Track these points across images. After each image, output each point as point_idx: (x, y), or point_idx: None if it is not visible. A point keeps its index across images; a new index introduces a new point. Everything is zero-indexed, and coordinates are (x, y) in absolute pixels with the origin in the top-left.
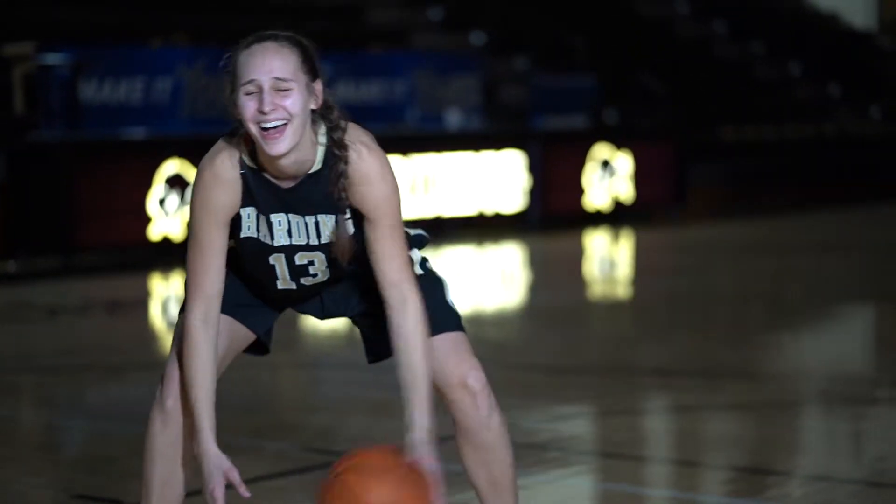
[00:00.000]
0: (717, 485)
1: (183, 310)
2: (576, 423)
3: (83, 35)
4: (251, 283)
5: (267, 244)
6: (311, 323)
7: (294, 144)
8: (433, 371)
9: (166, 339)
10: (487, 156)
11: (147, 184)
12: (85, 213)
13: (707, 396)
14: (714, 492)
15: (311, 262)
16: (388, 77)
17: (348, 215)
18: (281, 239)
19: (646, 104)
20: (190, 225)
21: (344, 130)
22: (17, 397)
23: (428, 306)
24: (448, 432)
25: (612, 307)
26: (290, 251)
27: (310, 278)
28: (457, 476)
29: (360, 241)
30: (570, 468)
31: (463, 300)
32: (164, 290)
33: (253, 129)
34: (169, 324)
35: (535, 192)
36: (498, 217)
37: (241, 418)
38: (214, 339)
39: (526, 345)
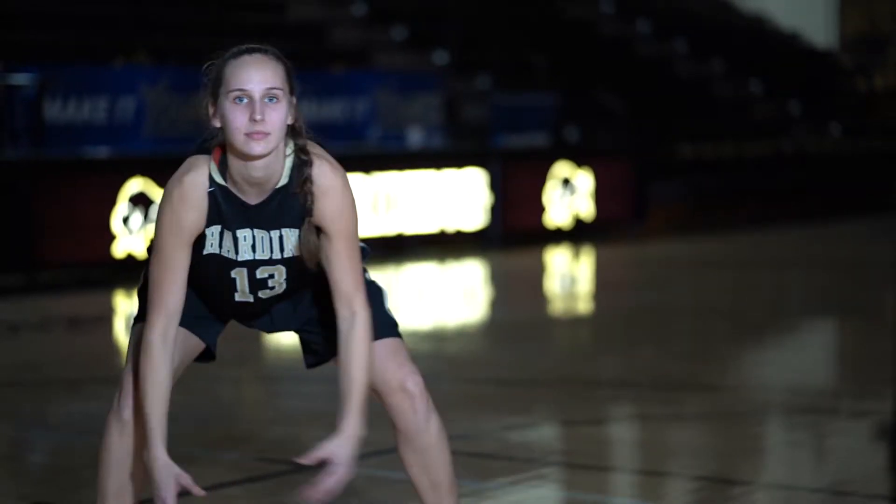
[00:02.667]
0: (681, 493)
1: (137, 320)
2: (534, 434)
3: (47, 55)
4: (207, 296)
5: (230, 259)
6: (270, 338)
7: (272, 150)
8: (373, 376)
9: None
10: (449, 174)
11: (111, 202)
12: (48, 230)
13: (668, 407)
14: (679, 500)
15: (272, 276)
16: (350, 96)
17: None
18: (245, 254)
19: (606, 122)
20: (155, 242)
21: (307, 142)
22: None
23: (375, 310)
24: (389, 444)
25: (572, 322)
26: (252, 265)
27: (267, 291)
28: (402, 483)
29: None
30: (527, 477)
31: (425, 316)
32: (127, 307)
33: (238, 135)
34: None
35: (496, 210)
36: (459, 234)
37: (198, 430)
38: (171, 354)
39: (485, 359)
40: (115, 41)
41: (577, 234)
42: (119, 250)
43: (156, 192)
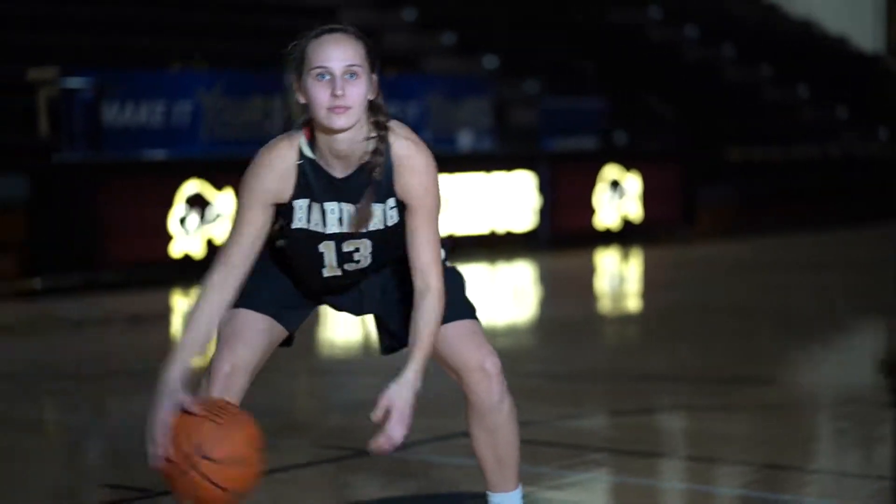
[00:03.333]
0: (730, 478)
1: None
2: (584, 423)
3: (105, 59)
4: (298, 274)
5: (319, 232)
6: (327, 332)
7: (353, 124)
8: (452, 354)
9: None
10: (498, 176)
11: (168, 203)
12: (107, 231)
13: (715, 399)
14: (729, 485)
15: (357, 249)
16: (401, 100)
17: (393, 203)
18: (333, 226)
19: (653, 126)
20: (237, 201)
21: (388, 119)
22: (44, 400)
23: (449, 295)
24: (446, 431)
25: (619, 319)
26: (339, 238)
27: (353, 264)
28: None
29: (401, 233)
30: (579, 462)
31: (486, 317)
32: (185, 306)
33: (320, 110)
34: None
35: (544, 212)
36: (509, 236)
37: (258, 418)
38: (225, 300)
39: (535, 354)
40: (172, 46)
41: (626, 236)
42: (176, 251)
43: (212, 194)
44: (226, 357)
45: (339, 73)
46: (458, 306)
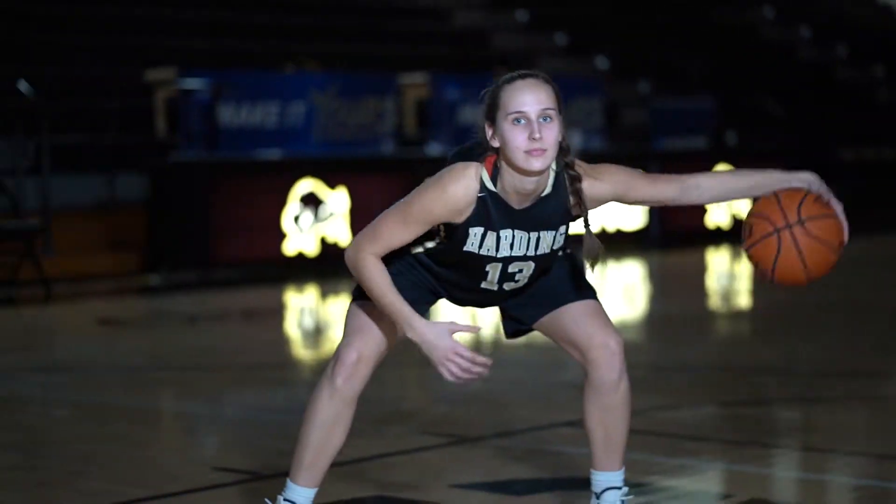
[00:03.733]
0: (847, 469)
1: (355, 298)
2: (686, 413)
3: (222, 61)
4: (451, 279)
5: (489, 256)
6: None
7: (548, 166)
8: (577, 331)
9: (298, 344)
10: None
11: (282, 202)
12: (223, 229)
13: (828, 391)
14: (846, 475)
15: (520, 270)
16: None
17: (564, 230)
18: (504, 251)
19: (764, 126)
20: (407, 203)
21: (574, 161)
22: (161, 390)
23: (577, 277)
24: (543, 422)
25: (729, 315)
26: (507, 261)
27: (512, 283)
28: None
29: (556, 255)
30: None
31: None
32: (298, 302)
33: (518, 153)
34: (304, 332)
35: (654, 211)
36: (620, 234)
37: (365, 407)
38: (383, 267)
39: (643, 347)
40: (286, 48)
41: (736, 235)
42: (290, 248)
43: (325, 193)
44: (355, 346)
45: (535, 116)
46: (584, 287)
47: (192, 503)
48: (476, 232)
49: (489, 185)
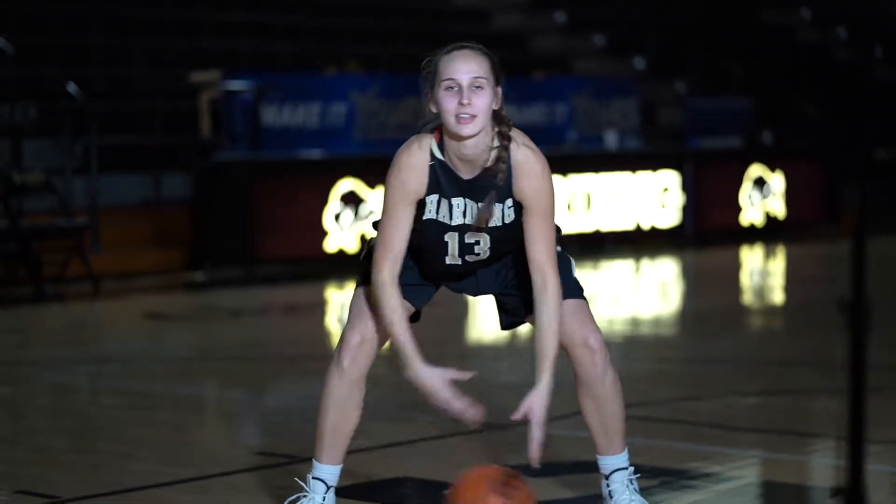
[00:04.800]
0: (881, 457)
1: (359, 285)
2: (705, 404)
3: (264, 63)
4: (423, 258)
5: (445, 223)
6: (468, 325)
7: (478, 131)
8: (560, 330)
9: (337, 337)
10: (644, 175)
11: (323, 200)
12: (266, 227)
13: (874, 382)
14: (880, 463)
15: (478, 242)
16: (549, 101)
17: (511, 203)
18: (457, 219)
19: (801, 126)
20: (384, 201)
21: (510, 127)
22: (205, 380)
23: (559, 277)
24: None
25: (762, 312)
26: (462, 230)
27: (473, 256)
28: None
29: (517, 230)
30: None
31: (621, 307)
32: (338, 298)
33: (450, 117)
34: (343, 326)
35: (688, 209)
36: (654, 232)
37: (398, 393)
38: (398, 290)
39: (674, 342)
40: (328, 50)
41: (770, 234)
42: (331, 246)
43: (365, 192)
44: (357, 329)
45: (466, 84)
46: (567, 286)
47: (234, 484)
48: (432, 199)
49: (438, 154)
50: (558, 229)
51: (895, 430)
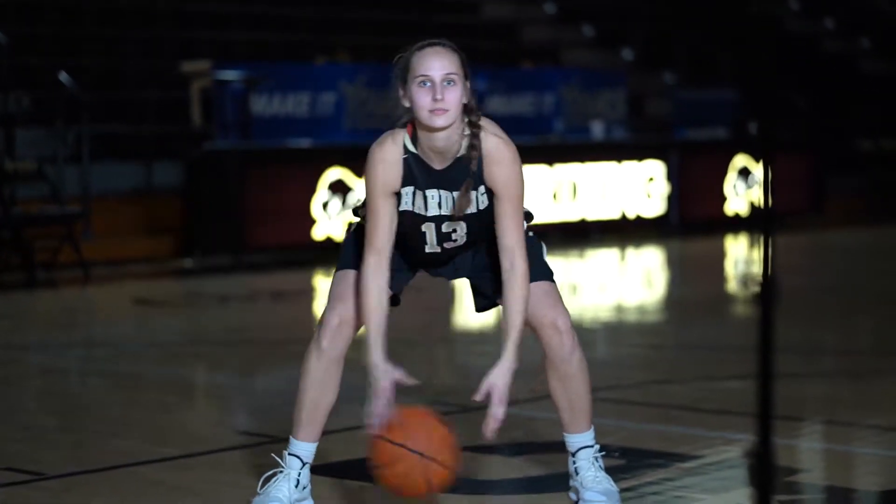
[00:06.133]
0: (871, 440)
1: (339, 268)
2: (675, 387)
3: (254, 53)
4: (403, 248)
5: (421, 214)
6: (455, 313)
7: (450, 123)
8: (529, 312)
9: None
10: (630, 165)
11: (312, 189)
12: (255, 215)
13: (849, 367)
14: (872, 446)
15: (455, 230)
16: (537, 91)
17: (484, 190)
18: (433, 210)
19: (788, 117)
20: (366, 197)
21: (479, 118)
22: (192, 363)
23: (529, 260)
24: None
25: (747, 299)
26: (438, 220)
27: (451, 243)
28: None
29: (492, 215)
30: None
31: (606, 294)
32: (327, 285)
33: (423, 112)
34: None
35: (673, 199)
36: (639, 221)
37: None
38: (384, 282)
39: (655, 329)
40: (317, 40)
41: (754, 223)
42: (319, 234)
43: (353, 181)
44: (337, 311)
45: (439, 80)
46: (536, 269)
47: (217, 462)
48: (407, 191)
49: (411, 147)
50: (529, 215)
51: (879, 414)
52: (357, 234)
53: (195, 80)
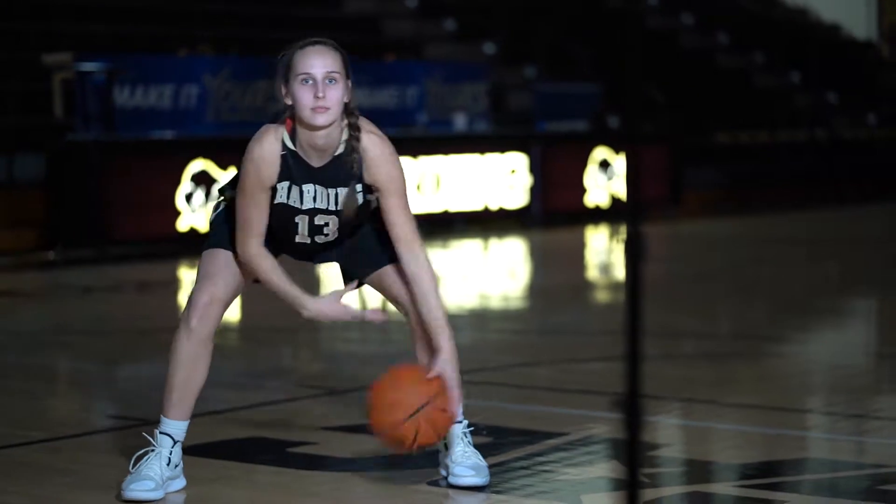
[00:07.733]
0: (730, 416)
1: (207, 247)
2: (541, 370)
3: (117, 45)
4: (274, 235)
5: (296, 207)
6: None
7: (332, 122)
8: (397, 291)
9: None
10: (492, 157)
11: (175, 181)
12: (118, 207)
13: (701, 348)
14: (730, 422)
15: (326, 224)
16: (400, 84)
17: (360, 188)
18: (308, 203)
19: (647, 111)
20: (240, 186)
21: (358, 118)
22: (57, 352)
23: (386, 243)
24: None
25: (608, 287)
26: (312, 213)
27: (322, 237)
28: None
29: (365, 211)
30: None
31: (469, 284)
32: (190, 275)
33: (304, 110)
34: None
35: (535, 191)
36: (502, 213)
37: (248, 364)
38: (268, 254)
39: (517, 315)
40: (179, 33)
41: (614, 215)
42: (183, 225)
43: (217, 172)
44: (206, 289)
45: (320, 78)
46: (392, 251)
47: (86, 444)
48: (283, 186)
49: (289, 143)
50: None
51: (737, 394)
52: (227, 214)
53: (57, 71)
